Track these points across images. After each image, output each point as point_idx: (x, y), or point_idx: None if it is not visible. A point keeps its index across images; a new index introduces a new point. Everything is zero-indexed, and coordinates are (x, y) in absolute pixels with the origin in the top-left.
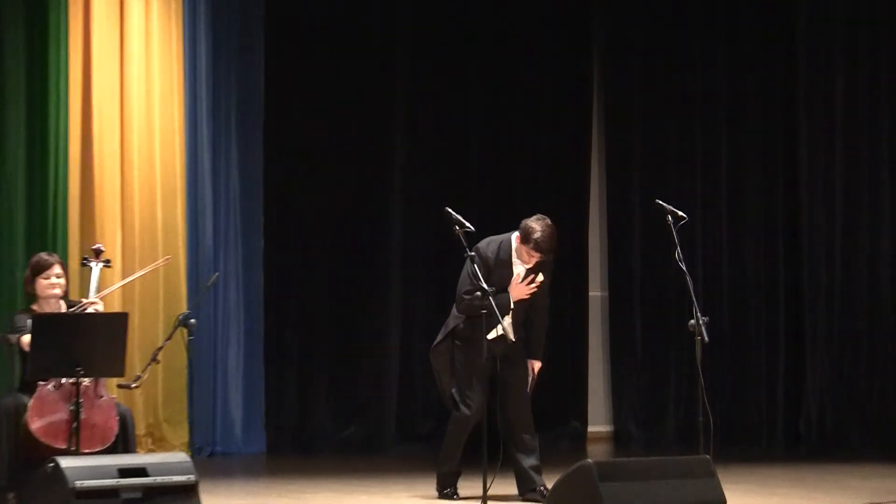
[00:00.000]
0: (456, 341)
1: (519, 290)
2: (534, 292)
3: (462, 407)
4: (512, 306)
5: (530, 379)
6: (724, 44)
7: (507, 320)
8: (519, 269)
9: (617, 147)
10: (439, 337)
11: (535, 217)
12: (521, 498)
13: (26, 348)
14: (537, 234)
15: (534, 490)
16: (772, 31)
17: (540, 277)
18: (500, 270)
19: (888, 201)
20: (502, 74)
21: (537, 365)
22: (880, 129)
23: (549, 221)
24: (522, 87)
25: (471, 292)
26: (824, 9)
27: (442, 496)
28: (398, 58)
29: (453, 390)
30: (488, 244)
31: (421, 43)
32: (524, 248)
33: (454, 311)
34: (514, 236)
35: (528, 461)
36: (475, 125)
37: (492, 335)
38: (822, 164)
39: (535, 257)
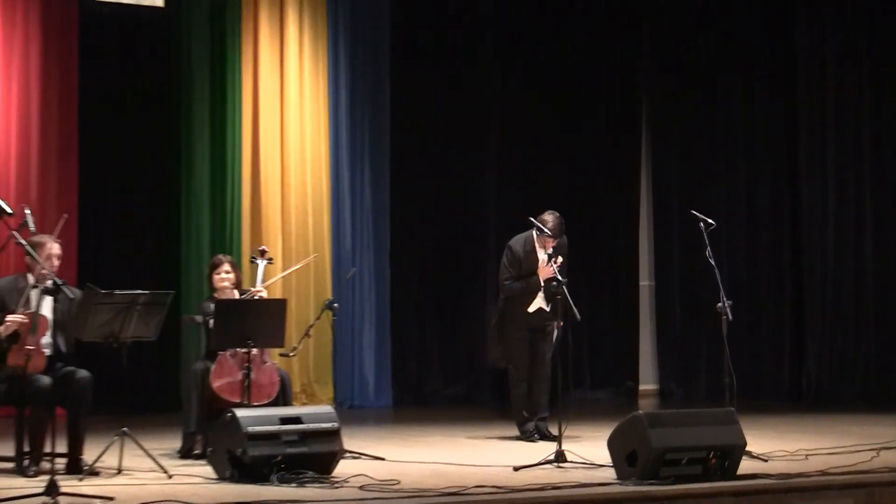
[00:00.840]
0: (502, 318)
1: (545, 271)
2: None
3: (512, 369)
4: (542, 284)
5: (555, 333)
6: (736, 79)
7: (540, 296)
8: (542, 255)
9: (660, 167)
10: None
11: (547, 212)
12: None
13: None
14: (549, 224)
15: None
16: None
17: (560, 260)
18: (528, 258)
19: (869, 205)
20: (569, 108)
21: (560, 323)
22: (862, 146)
23: (557, 214)
24: (587, 119)
25: (509, 279)
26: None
27: (522, 439)
28: (488, 96)
29: (504, 357)
30: (517, 240)
31: (508, 85)
32: (541, 236)
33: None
34: (535, 229)
35: (540, 414)
36: (549, 152)
37: (532, 308)
38: (817, 186)
39: (551, 241)
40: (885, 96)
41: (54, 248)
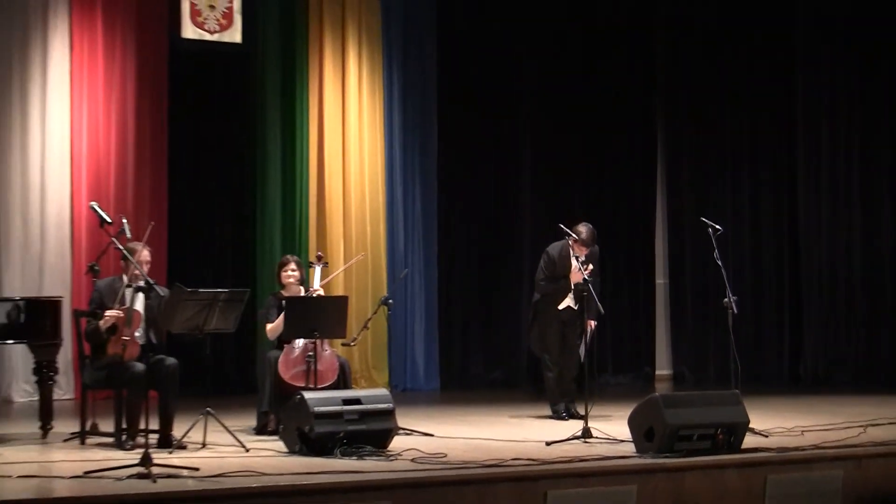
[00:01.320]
0: (536, 313)
1: (576, 275)
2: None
3: (545, 357)
4: (572, 286)
5: (589, 331)
6: (739, 106)
7: (570, 296)
8: (575, 262)
9: (673, 181)
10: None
11: (581, 223)
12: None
13: (269, 335)
14: (583, 234)
15: (562, 412)
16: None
17: (590, 267)
18: (562, 262)
19: (858, 216)
20: (593, 131)
21: (593, 323)
22: (851, 165)
23: (590, 226)
24: (609, 140)
25: (544, 280)
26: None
27: (554, 417)
28: (522, 116)
29: (538, 346)
30: (553, 247)
31: (540, 110)
32: (576, 244)
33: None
34: (570, 239)
35: (569, 396)
36: (576, 168)
37: (562, 306)
38: (812, 200)
39: (584, 249)
40: (871, 124)
41: (144, 253)
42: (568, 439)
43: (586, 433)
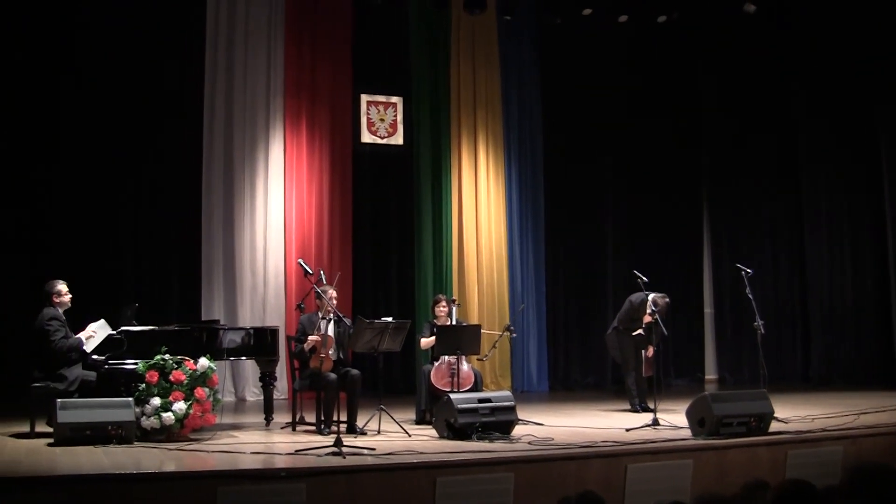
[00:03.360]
0: (619, 337)
1: (647, 318)
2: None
3: (625, 366)
4: (643, 324)
5: (651, 352)
6: (748, 175)
7: (642, 329)
8: (649, 309)
9: (716, 234)
10: (609, 329)
11: (662, 295)
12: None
13: (422, 347)
14: (659, 307)
15: (637, 407)
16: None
17: (657, 317)
18: (640, 308)
19: (849, 255)
20: (656, 192)
21: (652, 349)
22: (842, 223)
23: (668, 300)
24: (667, 198)
25: (626, 317)
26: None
27: (631, 410)
28: (606, 180)
29: (621, 357)
30: (636, 296)
31: (617, 175)
32: (650, 309)
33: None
34: (651, 297)
35: (642, 394)
36: (644, 222)
37: (635, 333)
38: (815, 246)
39: (652, 317)
40: (855, 193)
41: (331, 292)
42: (642, 426)
43: (655, 422)
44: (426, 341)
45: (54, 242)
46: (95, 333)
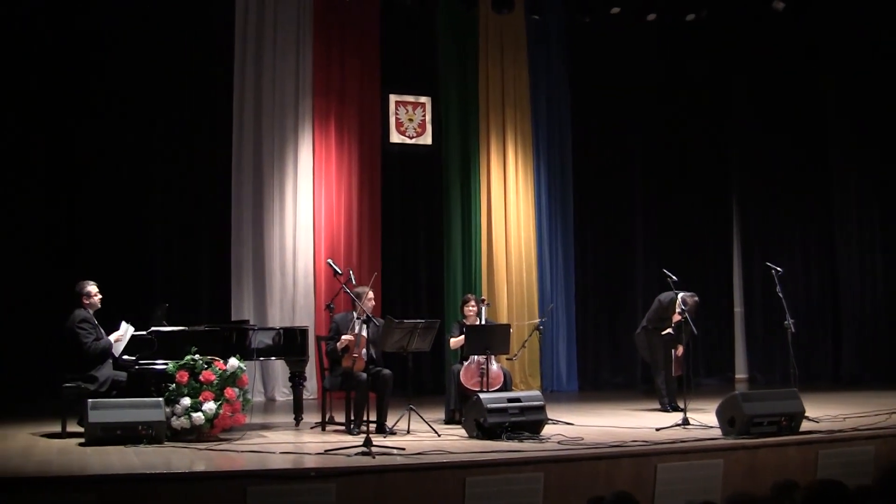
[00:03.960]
0: (649, 336)
1: (677, 317)
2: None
3: (654, 365)
4: (672, 323)
5: (681, 351)
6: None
7: (671, 328)
8: (678, 308)
9: (746, 234)
10: (639, 329)
11: (690, 293)
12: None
13: (452, 346)
14: (689, 306)
15: (667, 406)
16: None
17: (686, 315)
18: (670, 307)
19: (880, 259)
20: (684, 195)
21: (681, 348)
22: (873, 222)
23: (697, 299)
24: (698, 201)
25: (655, 317)
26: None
27: (661, 410)
28: (633, 189)
29: (650, 357)
30: (665, 296)
31: (646, 176)
32: (679, 308)
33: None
34: (680, 296)
35: (672, 394)
36: (674, 224)
37: (664, 332)
38: (845, 248)
39: (681, 316)
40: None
41: (369, 294)
42: (672, 426)
43: (685, 421)
44: (455, 341)
45: (85, 243)
46: (123, 336)
